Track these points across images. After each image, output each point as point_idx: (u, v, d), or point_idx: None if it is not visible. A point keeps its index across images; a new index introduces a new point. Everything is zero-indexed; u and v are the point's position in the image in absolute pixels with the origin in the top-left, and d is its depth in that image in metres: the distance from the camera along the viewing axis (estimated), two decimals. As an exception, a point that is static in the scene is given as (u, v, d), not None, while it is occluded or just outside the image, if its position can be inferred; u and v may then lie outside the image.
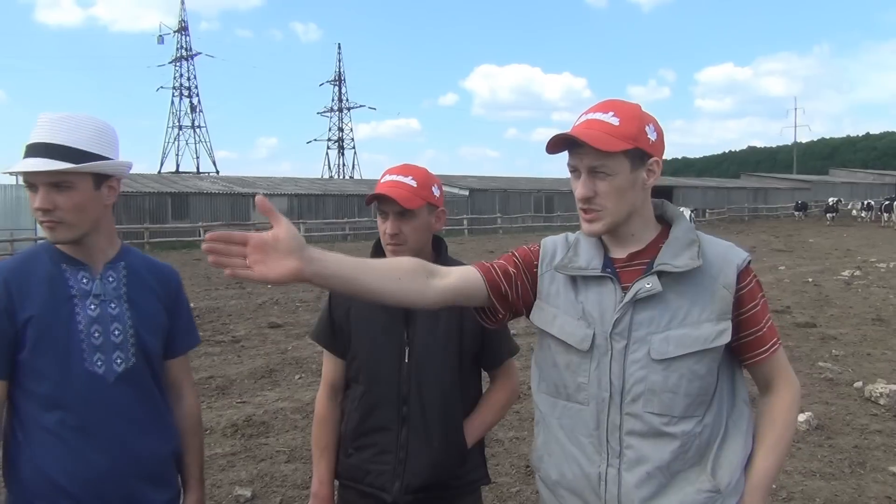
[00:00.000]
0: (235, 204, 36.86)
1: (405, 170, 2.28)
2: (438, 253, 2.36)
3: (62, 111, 1.98)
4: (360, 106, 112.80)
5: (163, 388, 2.17)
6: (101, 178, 1.98)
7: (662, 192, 56.40)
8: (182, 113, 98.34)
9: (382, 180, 2.27)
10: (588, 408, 1.80)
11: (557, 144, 1.76)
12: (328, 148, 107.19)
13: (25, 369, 1.96)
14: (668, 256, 1.76)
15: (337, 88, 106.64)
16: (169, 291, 2.18)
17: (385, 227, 2.25)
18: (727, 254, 1.79)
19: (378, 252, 2.33)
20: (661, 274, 1.74)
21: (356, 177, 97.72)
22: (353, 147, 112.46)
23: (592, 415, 1.80)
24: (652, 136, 1.76)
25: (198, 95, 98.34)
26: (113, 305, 2.03)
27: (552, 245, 1.95)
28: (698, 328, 1.72)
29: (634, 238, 1.83)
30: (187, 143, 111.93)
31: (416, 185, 2.23)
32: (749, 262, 1.80)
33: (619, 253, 1.84)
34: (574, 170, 1.78)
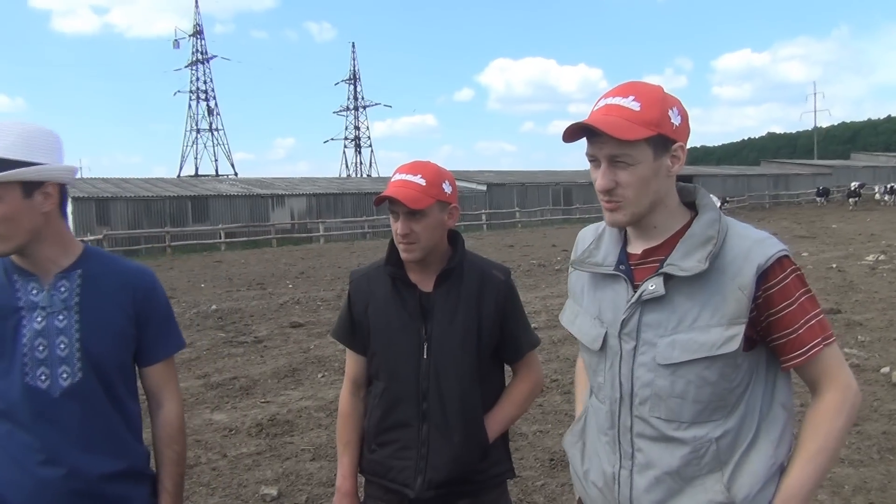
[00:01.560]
0: (254, 205, 37.05)
1: (414, 168, 2.26)
2: (455, 248, 2.35)
3: None
4: (376, 104, 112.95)
5: (123, 401, 2.05)
6: (31, 186, 1.87)
7: (681, 181, 56.84)
8: (199, 116, 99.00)
9: (393, 179, 2.26)
10: (605, 407, 1.80)
11: (575, 133, 1.66)
12: (345, 147, 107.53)
13: None
14: (679, 256, 1.66)
15: (352, 87, 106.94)
16: (135, 297, 2.05)
17: (396, 227, 2.24)
18: (750, 251, 1.63)
19: (393, 250, 2.32)
20: (668, 276, 1.66)
21: (374, 175, 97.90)
22: (370, 145, 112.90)
23: (608, 414, 1.79)
24: (675, 121, 1.65)
25: (214, 98, 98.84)
26: (61, 318, 1.95)
27: (582, 237, 1.93)
28: (706, 333, 1.62)
29: (657, 231, 1.73)
30: (205, 147, 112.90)
31: (424, 184, 2.21)
32: (781, 258, 1.63)
33: (636, 248, 1.77)
34: (593, 159, 1.68)
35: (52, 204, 1.92)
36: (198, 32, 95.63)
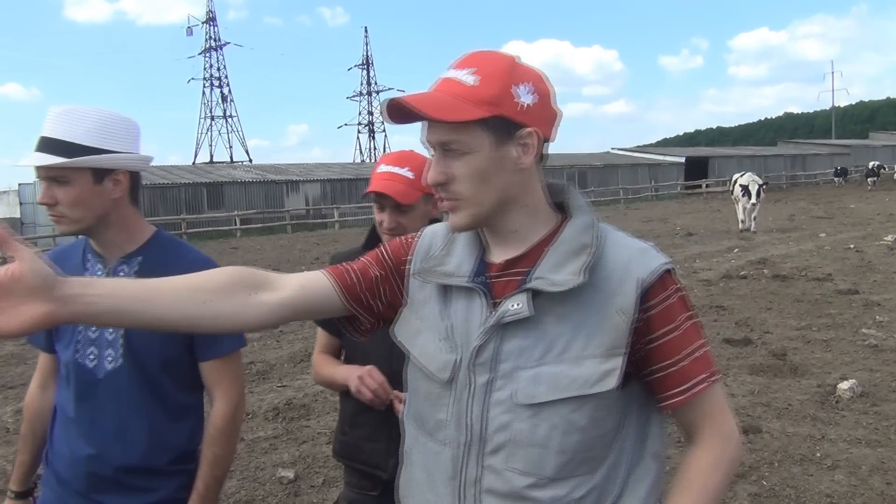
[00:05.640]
0: (269, 192, 37.14)
1: (401, 159, 2.22)
2: None
3: (72, 104, 1.95)
4: (389, 89, 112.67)
5: (167, 393, 2.04)
6: (102, 173, 1.93)
7: (698, 164, 54.99)
8: (213, 103, 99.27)
9: (378, 170, 2.23)
10: (446, 451, 1.41)
11: (396, 112, 1.35)
12: (358, 132, 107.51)
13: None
14: (548, 268, 1.34)
15: (365, 72, 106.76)
16: None
17: (382, 219, 2.22)
18: (630, 264, 1.34)
19: (373, 237, 2.30)
20: (536, 291, 1.34)
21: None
22: (384, 130, 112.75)
23: (450, 461, 1.41)
24: (525, 100, 1.32)
25: (228, 85, 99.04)
26: None
27: (430, 237, 1.54)
28: (578, 366, 1.31)
29: (517, 236, 1.41)
30: (220, 133, 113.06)
31: (412, 177, 2.18)
32: (664, 274, 1.35)
33: (497, 256, 1.43)
34: (429, 146, 1.39)
35: (121, 191, 1.98)
36: (211, 19, 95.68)
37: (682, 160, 53.63)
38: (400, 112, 1.34)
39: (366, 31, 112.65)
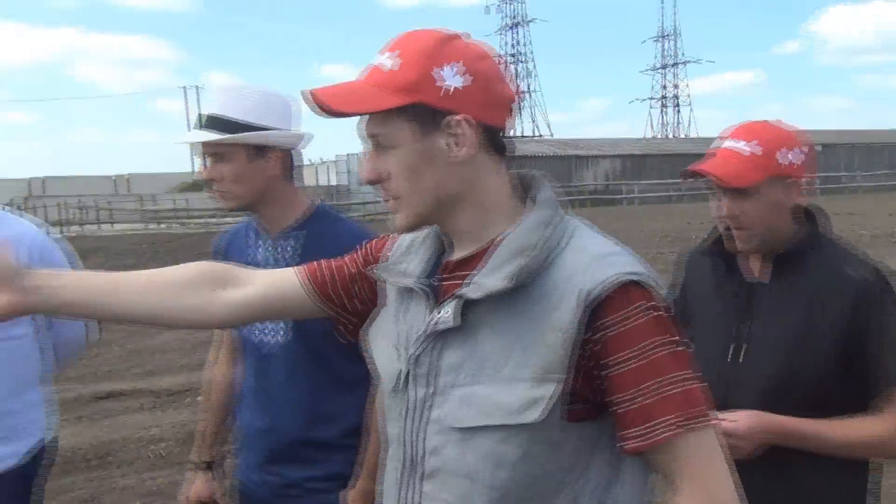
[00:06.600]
0: (561, 166, 37.56)
1: (745, 132, 1.81)
2: (805, 228, 1.86)
3: (236, 81, 2.04)
4: (694, 60, 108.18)
5: (333, 364, 2.01)
6: (257, 150, 1.95)
7: None
8: (517, 79, 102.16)
9: (715, 146, 1.87)
10: (394, 469, 1.29)
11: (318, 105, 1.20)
12: (653, 106, 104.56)
13: None
14: (486, 272, 1.17)
15: (668, 43, 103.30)
16: None
17: (714, 206, 1.85)
18: (577, 274, 1.13)
19: (715, 234, 1.94)
20: (468, 298, 1.17)
21: (691, 135, 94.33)
22: (689, 104, 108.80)
23: (395, 481, 1.27)
24: (451, 82, 1.15)
25: (532, 61, 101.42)
26: None
27: (403, 236, 1.39)
28: (509, 389, 1.12)
29: (471, 237, 1.24)
30: (524, 109, 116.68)
31: (755, 154, 1.76)
32: (627, 285, 1.12)
33: (453, 256, 1.29)
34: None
35: (275, 167, 2.00)
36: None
37: None
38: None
39: (662, 2, 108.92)
